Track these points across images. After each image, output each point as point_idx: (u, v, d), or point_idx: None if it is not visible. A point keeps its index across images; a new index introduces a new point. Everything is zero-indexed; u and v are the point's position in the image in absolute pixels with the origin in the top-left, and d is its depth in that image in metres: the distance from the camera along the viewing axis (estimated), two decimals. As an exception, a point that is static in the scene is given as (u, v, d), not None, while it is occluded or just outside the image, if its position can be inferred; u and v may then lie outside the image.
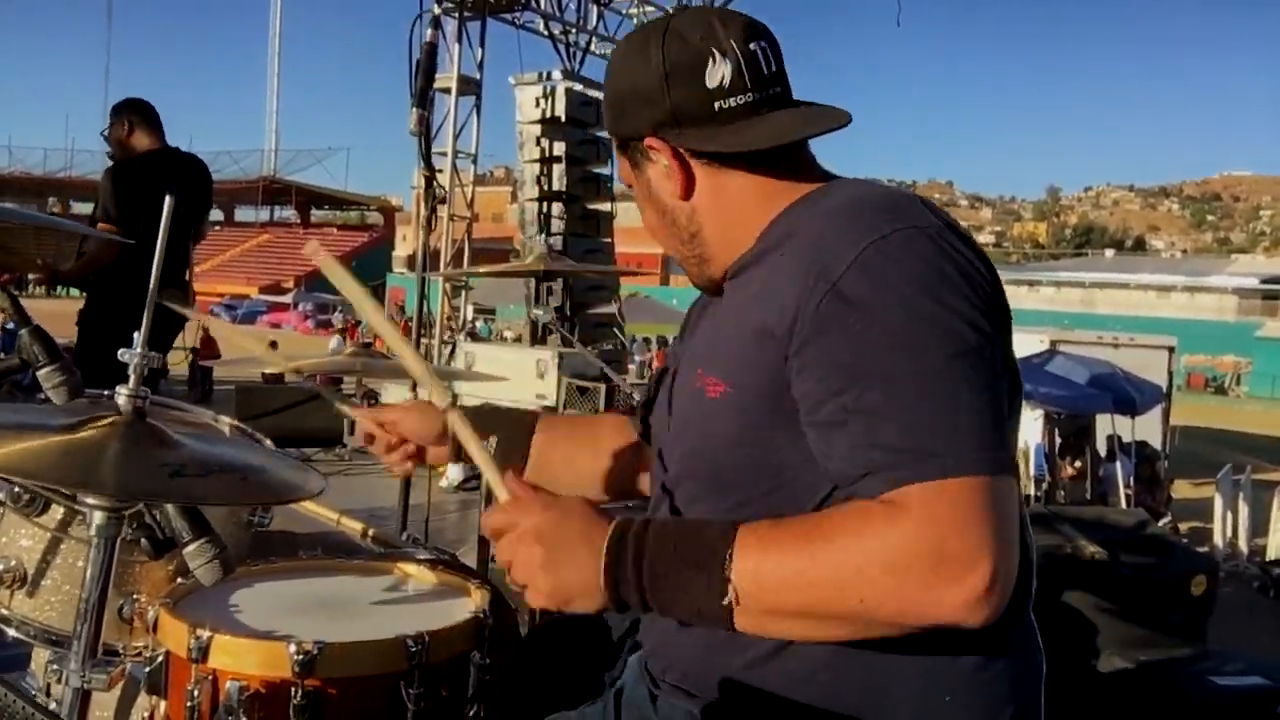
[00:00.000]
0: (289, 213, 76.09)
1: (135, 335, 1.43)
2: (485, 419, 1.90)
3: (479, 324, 25.48)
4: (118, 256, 4.75)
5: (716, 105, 1.41)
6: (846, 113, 1.45)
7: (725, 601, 1.19)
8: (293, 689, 1.44)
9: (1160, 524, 8.06)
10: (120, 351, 1.43)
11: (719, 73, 1.40)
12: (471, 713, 1.62)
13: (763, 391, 1.30)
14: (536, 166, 13.45)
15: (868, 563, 1.13)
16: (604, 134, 13.92)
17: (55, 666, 1.43)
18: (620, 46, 1.54)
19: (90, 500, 1.36)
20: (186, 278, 5.28)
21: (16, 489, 1.74)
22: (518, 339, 20.35)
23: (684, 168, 1.46)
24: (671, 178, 1.47)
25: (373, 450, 1.97)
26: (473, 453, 1.46)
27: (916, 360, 1.18)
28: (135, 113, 5.13)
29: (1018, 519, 1.18)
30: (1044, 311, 47.45)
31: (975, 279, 1.24)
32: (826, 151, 1.52)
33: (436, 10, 11.79)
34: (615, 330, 14.13)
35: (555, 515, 1.29)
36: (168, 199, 1.48)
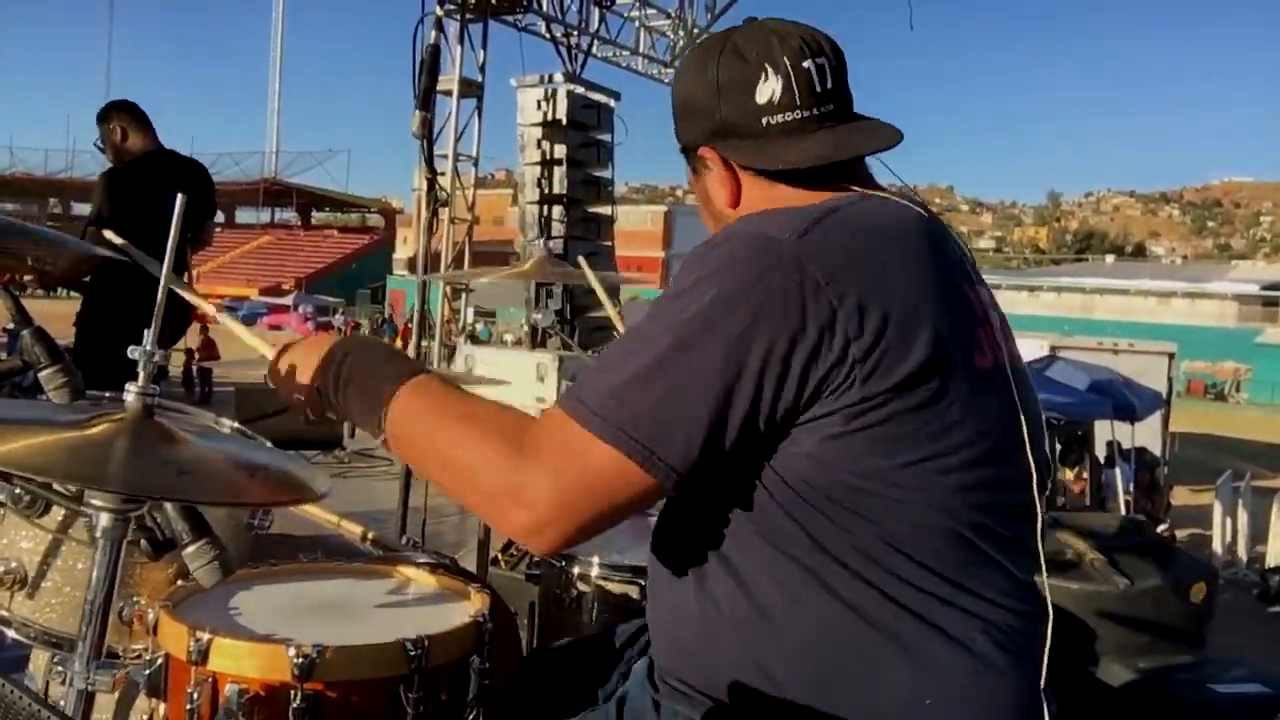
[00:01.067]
0: (290, 215, 76.12)
1: (145, 332, 1.43)
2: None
3: (479, 327, 25.46)
4: (113, 259, 4.72)
5: (764, 121, 1.45)
6: (897, 132, 1.48)
7: (379, 435, 1.40)
8: (292, 692, 1.45)
9: (1159, 530, 8.06)
10: (130, 349, 1.42)
11: (769, 89, 1.44)
12: (471, 717, 1.63)
13: None
14: (537, 169, 13.44)
15: (470, 454, 1.30)
16: (605, 137, 13.98)
17: (60, 668, 1.43)
18: (686, 57, 1.59)
19: (96, 502, 1.36)
20: (185, 280, 5.23)
21: (18, 490, 1.74)
22: (518, 342, 20.36)
23: (733, 178, 1.51)
24: (724, 186, 1.51)
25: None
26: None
27: (644, 326, 1.31)
28: (124, 115, 5.01)
29: (614, 494, 1.24)
30: (1044, 317, 47.43)
31: (783, 295, 1.23)
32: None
33: (439, 13, 11.78)
34: (615, 334, 14.11)
35: (303, 343, 1.61)
36: (179, 196, 1.47)
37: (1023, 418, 1.40)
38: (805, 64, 1.44)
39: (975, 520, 1.32)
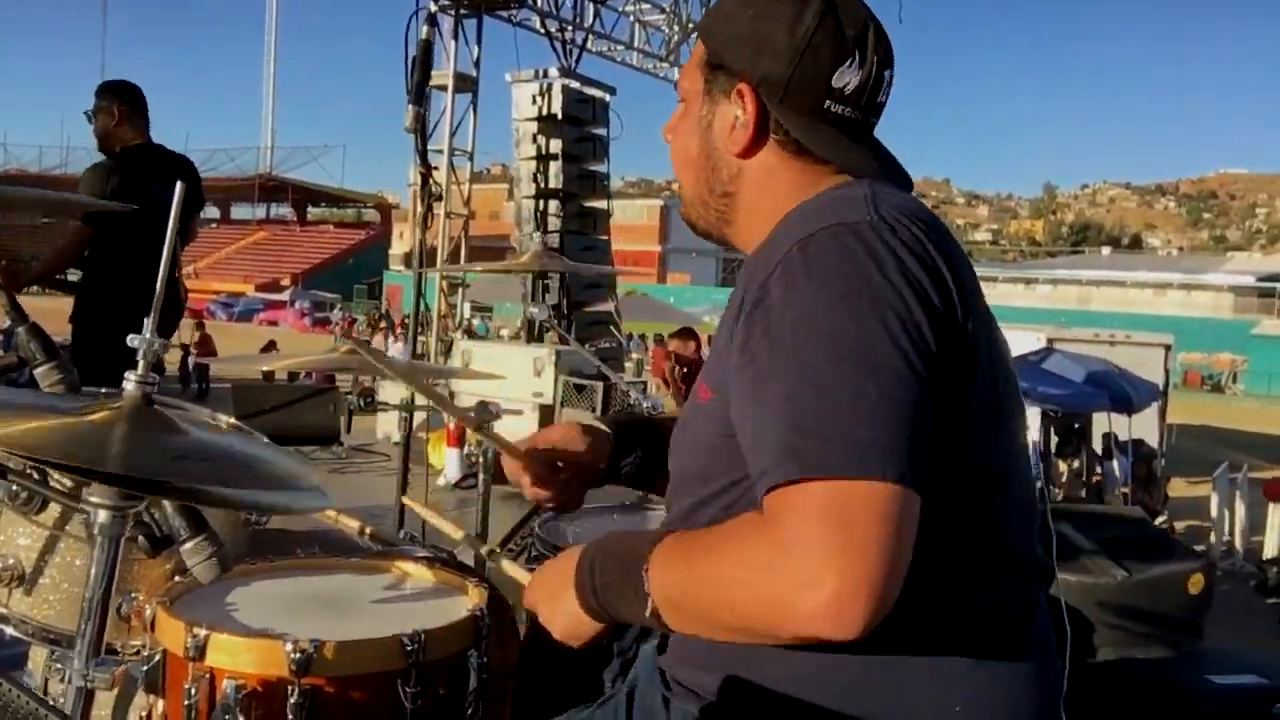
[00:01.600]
0: (285, 210, 76.02)
1: (145, 320, 1.42)
2: (633, 432, 1.83)
3: (476, 322, 25.45)
4: (106, 253, 4.68)
5: (827, 105, 1.38)
6: (910, 180, 1.47)
7: (648, 609, 1.24)
8: (290, 687, 1.45)
9: (1157, 522, 8.08)
10: (130, 337, 1.42)
11: (848, 77, 1.38)
12: (470, 711, 1.63)
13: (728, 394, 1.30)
14: (533, 164, 13.44)
15: (731, 573, 1.15)
16: (601, 131, 13.97)
17: (58, 665, 1.43)
18: None
19: (94, 499, 1.36)
20: (177, 275, 5.17)
21: (15, 487, 1.73)
22: (515, 337, 20.35)
23: (758, 132, 1.42)
24: (739, 130, 1.42)
25: (531, 493, 1.77)
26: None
27: (803, 359, 1.15)
28: (125, 101, 4.95)
29: (902, 529, 1.08)
30: (1040, 309, 47.42)
31: (904, 278, 1.18)
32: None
33: (433, 7, 11.76)
34: (612, 328, 14.12)
35: (538, 578, 1.46)
36: (178, 184, 1.46)
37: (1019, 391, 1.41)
38: (886, 72, 1.41)
39: (1015, 505, 1.32)
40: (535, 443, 1.77)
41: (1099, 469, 10.13)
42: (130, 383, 1.39)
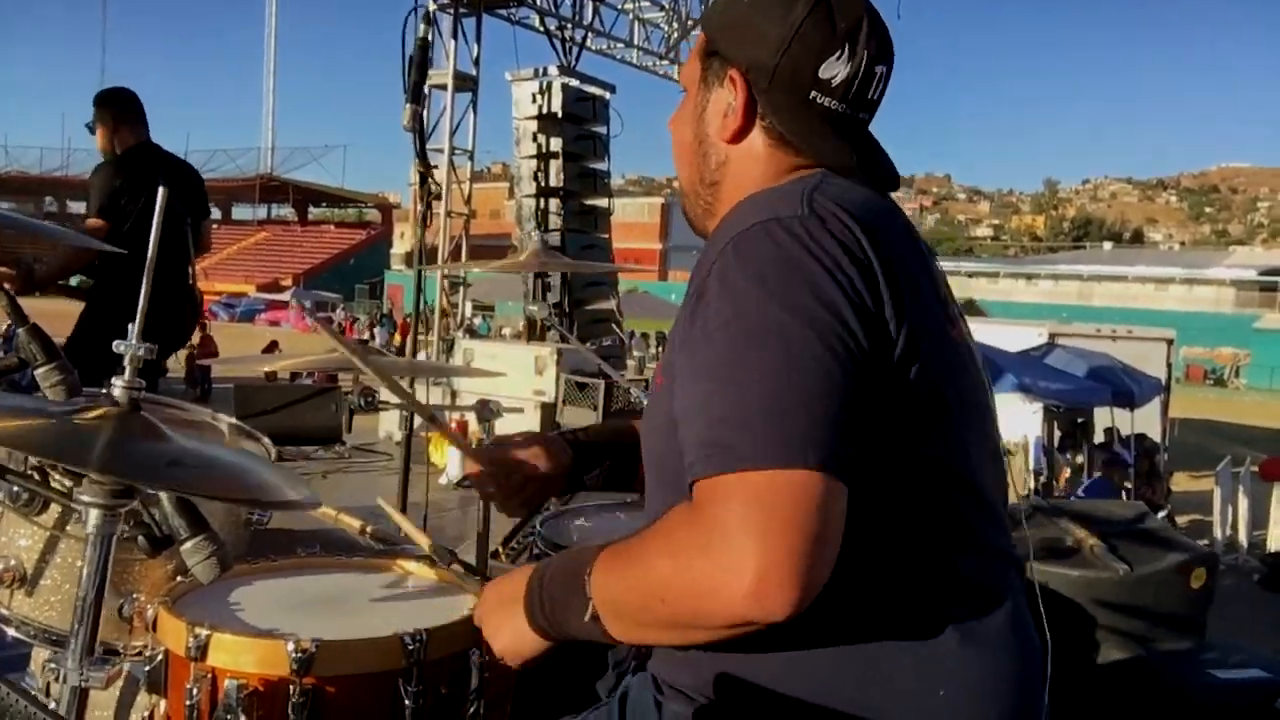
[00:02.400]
0: (286, 210, 76.00)
1: (130, 327, 1.42)
2: (600, 448, 1.87)
3: (477, 320, 25.46)
4: (115, 258, 4.66)
5: (812, 95, 1.39)
6: (897, 180, 1.49)
7: (587, 618, 1.25)
8: (291, 687, 1.45)
9: (1159, 516, 8.07)
10: (115, 343, 1.42)
11: (835, 70, 1.38)
12: (472, 710, 1.63)
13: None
14: (533, 162, 13.46)
15: (662, 563, 1.16)
16: (601, 129, 13.99)
17: (53, 665, 1.43)
18: None
19: (85, 498, 1.36)
20: (190, 281, 5.13)
21: (15, 488, 1.73)
22: (516, 335, 20.34)
23: (747, 119, 1.43)
24: (729, 117, 1.43)
25: (489, 495, 1.82)
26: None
27: (729, 354, 1.16)
28: (114, 106, 4.96)
29: (825, 515, 1.09)
30: (1042, 304, 47.42)
31: (830, 272, 1.18)
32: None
33: (431, 6, 11.75)
34: (613, 326, 14.14)
35: (491, 590, 1.47)
36: (160, 189, 1.46)
37: (989, 391, 1.42)
38: (877, 68, 1.41)
39: (970, 494, 1.32)
40: (497, 455, 1.80)
41: (1101, 464, 10.11)
42: (117, 388, 1.40)
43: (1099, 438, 10.46)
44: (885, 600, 1.25)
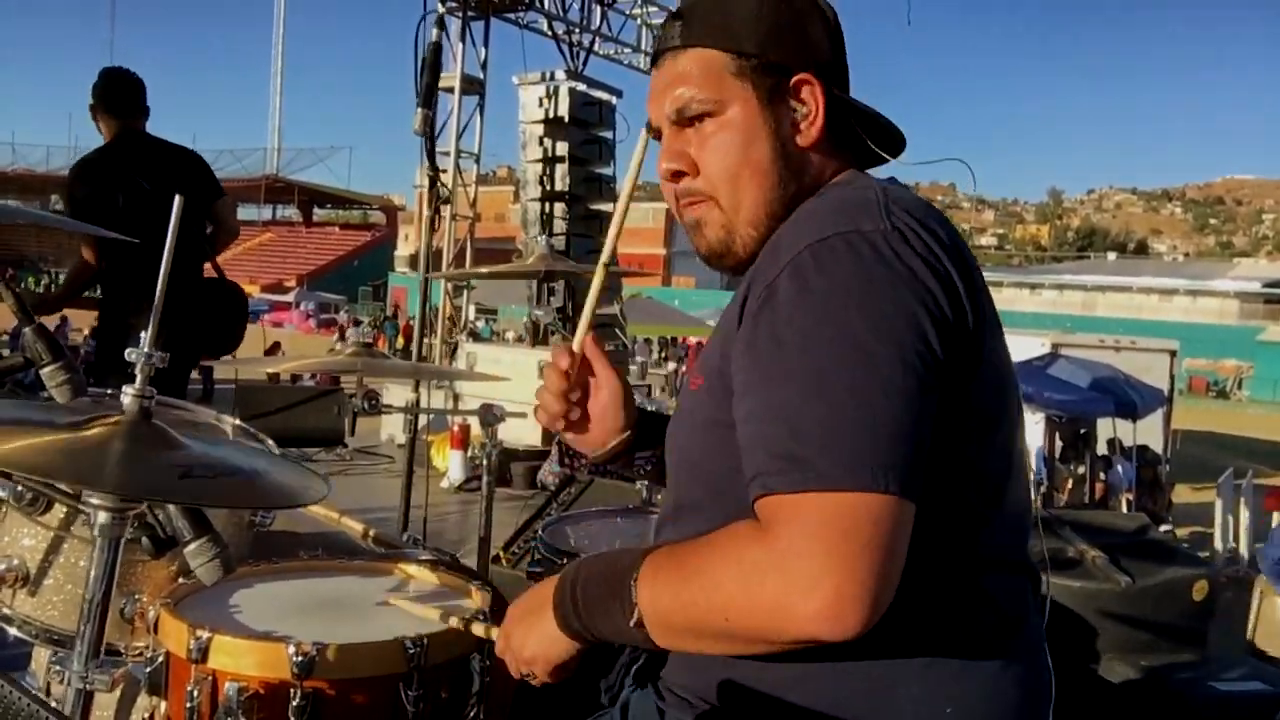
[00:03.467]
0: (291, 212, 76.05)
1: (142, 335, 1.42)
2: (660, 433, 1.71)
3: (481, 324, 25.46)
4: (115, 256, 4.59)
5: (847, 83, 1.45)
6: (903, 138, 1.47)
7: (632, 624, 1.23)
8: (291, 690, 1.45)
9: (1161, 529, 8.06)
10: (128, 351, 1.42)
11: (824, 44, 1.43)
12: (472, 715, 1.63)
13: (721, 384, 1.30)
14: (539, 166, 13.46)
15: (728, 580, 1.14)
16: (607, 134, 13.98)
17: (58, 667, 1.43)
18: None
19: (95, 500, 1.36)
20: (231, 282, 4.87)
21: (19, 488, 1.74)
22: (519, 339, 20.36)
23: (827, 120, 1.39)
24: (810, 122, 1.39)
25: (545, 395, 1.65)
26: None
27: (810, 366, 1.14)
28: (96, 95, 4.66)
29: (897, 539, 1.10)
30: (1046, 314, 47.41)
31: (915, 289, 1.18)
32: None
33: (441, 9, 11.78)
34: (617, 331, 14.13)
35: (513, 612, 1.41)
36: (177, 199, 1.46)
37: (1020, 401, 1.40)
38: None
39: (1000, 508, 1.31)
40: (596, 363, 1.67)
41: (1103, 475, 10.10)
42: (128, 397, 1.40)
43: (1101, 449, 10.44)
44: (903, 617, 1.19)
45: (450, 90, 12.99)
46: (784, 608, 1.09)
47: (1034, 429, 9.56)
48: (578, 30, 14.96)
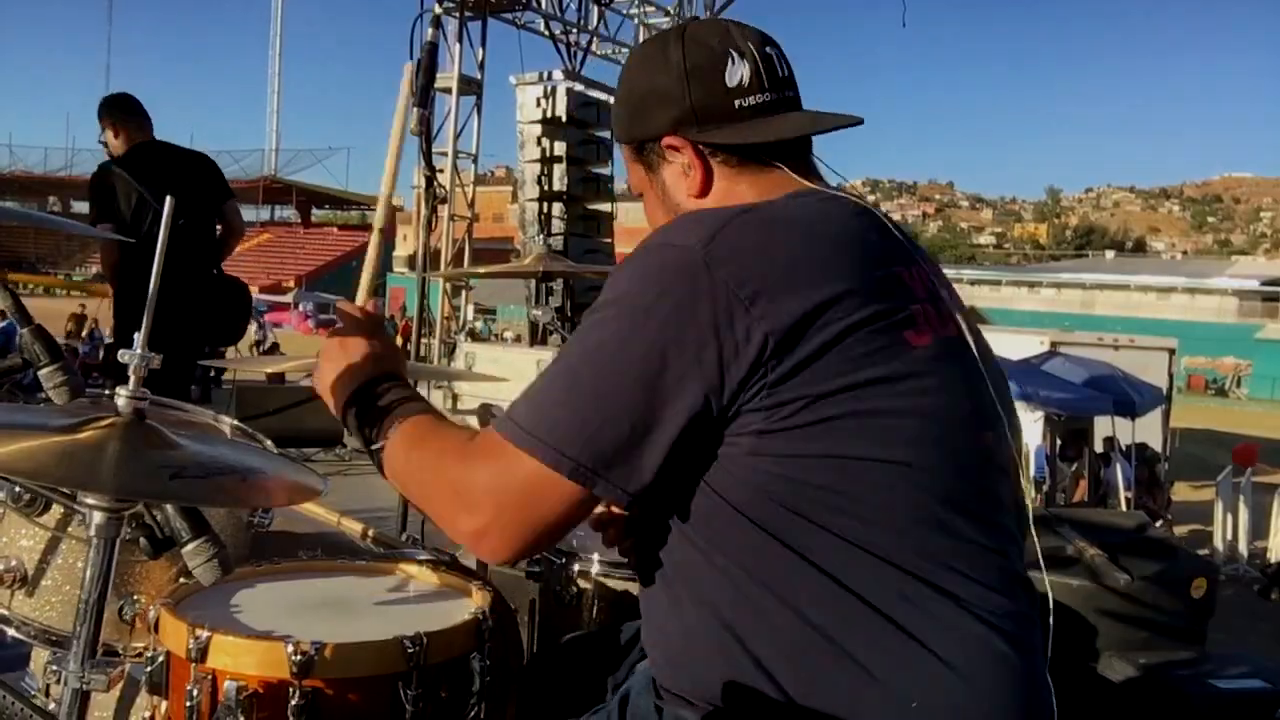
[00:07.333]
0: (289, 212, 76.02)
1: (135, 336, 1.42)
2: None
3: (479, 324, 25.46)
4: (129, 257, 4.66)
5: (736, 103, 1.46)
6: (858, 117, 1.51)
7: (374, 449, 1.47)
8: (291, 689, 1.45)
9: (1159, 526, 8.06)
10: (120, 352, 1.42)
11: (738, 72, 1.45)
12: (472, 714, 1.63)
13: None
14: (537, 167, 13.46)
15: (440, 472, 1.36)
16: (605, 134, 13.96)
17: (54, 667, 1.43)
18: (636, 51, 1.60)
19: (90, 500, 1.36)
20: (234, 278, 5.08)
21: (17, 489, 1.74)
22: (518, 339, 20.37)
23: (704, 165, 1.48)
24: (689, 175, 1.49)
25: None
26: None
27: (571, 348, 1.32)
28: (109, 111, 4.97)
29: (555, 511, 1.29)
30: (1044, 313, 47.41)
31: (697, 309, 1.23)
32: (829, 153, 1.55)
33: (438, 10, 11.78)
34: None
35: (342, 346, 1.61)
36: (168, 200, 1.47)
37: (990, 389, 1.40)
38: (766, 49, 1.48)
39: (937, 511, 1.29)
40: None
41: (1102, 473, 10.10)
42: (121, 399, 1.40)
43: (1099, 447, 10.44)
44: (868, 616, 1.25)
45: (448, 91, 12.99)
46: (452, 517, 1.34)
47: (1033, 427, 9.55)
48: (575, 30, 14.96)
